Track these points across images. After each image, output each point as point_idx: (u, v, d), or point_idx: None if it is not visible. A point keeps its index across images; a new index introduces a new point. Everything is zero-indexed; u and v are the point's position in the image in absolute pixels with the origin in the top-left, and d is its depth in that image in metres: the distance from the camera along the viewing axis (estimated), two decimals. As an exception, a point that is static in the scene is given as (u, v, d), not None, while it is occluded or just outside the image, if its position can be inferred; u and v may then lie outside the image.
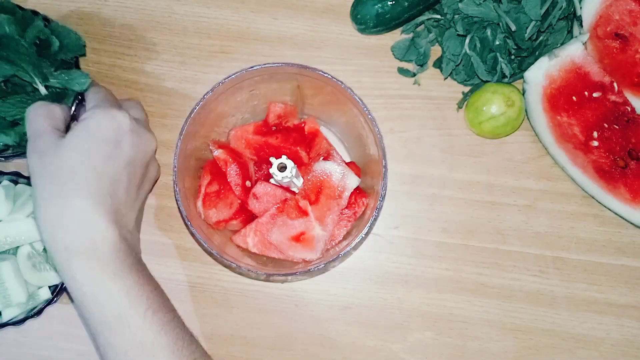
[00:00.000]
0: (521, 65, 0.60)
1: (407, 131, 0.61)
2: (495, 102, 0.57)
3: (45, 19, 0.57)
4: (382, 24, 0.60)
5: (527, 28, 0.56)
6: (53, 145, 0.46)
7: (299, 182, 0.55)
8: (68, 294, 0.54)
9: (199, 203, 0.53)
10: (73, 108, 0.54)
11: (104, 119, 0.48)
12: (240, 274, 0.59)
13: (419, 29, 0.62)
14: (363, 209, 0.54)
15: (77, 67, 0.57)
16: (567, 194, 0.60)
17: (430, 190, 0.60)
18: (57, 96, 0.54)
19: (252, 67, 0.50)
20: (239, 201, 0.55)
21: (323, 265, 0.49)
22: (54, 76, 0.53)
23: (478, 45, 0.58)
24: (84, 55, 0.60)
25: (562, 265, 0.59)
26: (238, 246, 0.54)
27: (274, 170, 0.54)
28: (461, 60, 0.59)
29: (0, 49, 0.51)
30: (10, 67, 0.51)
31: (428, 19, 0.61)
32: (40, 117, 0.48)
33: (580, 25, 0.58)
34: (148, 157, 0.52)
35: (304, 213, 0.52)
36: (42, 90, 0.53)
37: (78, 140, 0.47)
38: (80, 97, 0.55)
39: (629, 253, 0.59)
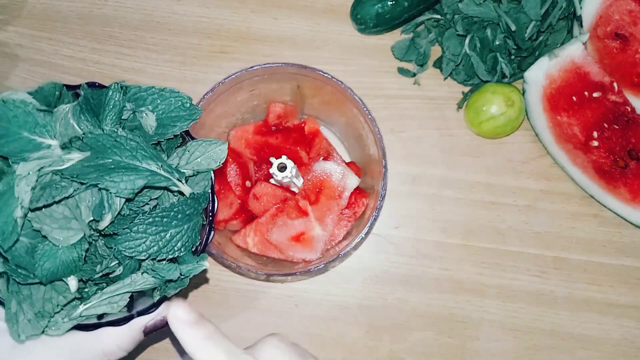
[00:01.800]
0: (521, 65, 0.60)
1: (407, 131, 0.61)
2: (495, 102, 0.57)
3: (123, 88, 0.37)
4: (382, 24, 0.60)
5: (527, 28, 0.56)
6: None
7: (299, 182, 0.55)
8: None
9: (199, 203, 0.53)
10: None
11: None
12: (240, 274, 0.59)
13: (419, 29, 0.62)
14: (363, 209, 0.54)
15: (189, 136, 0.39)
16: (567, 194, 0.60)
17: (430, 190, 0.60)
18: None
19: (252, 67, 0.50)
20: (239, 201, 0.55)
21: (323, 265, 0.49)
22: (181, 164, 0.37)
23: (478, 45, 0.58)
24: (195, 120, 0.37)
25: (562, 265, 0.59)
26: (238, 246, 0.54)
27: (274, 170, 0.54)
28: (461, 60, 0.59)
29: (104, 155, 0.33)
30: (133, 174, 0.33)
31: (428, 19, 0.61)
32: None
33: (580, 25, 0.58)
34: None
35: (304, 213, 0.52)
36: (185, 190, 0.36)
37: None
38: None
39: (629, 253, 0.59)
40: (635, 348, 0.58)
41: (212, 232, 0.38)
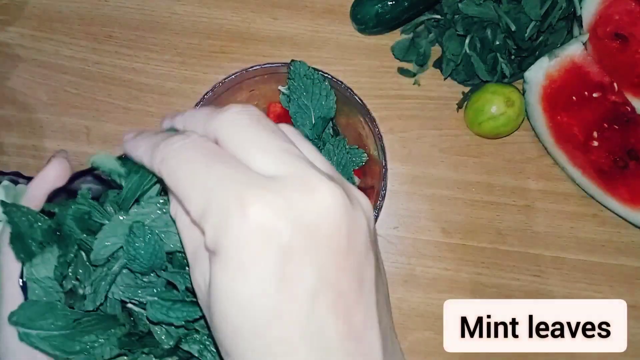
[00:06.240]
0: (521, 65, 0.60)
1: (407, 131, 0.61)
2: (495, 102, 0.57)
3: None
4: (382, 24, 0.60)
5: (527, 28, 0.56)
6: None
7: (298, 182, 0.55)
8: None
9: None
10: None
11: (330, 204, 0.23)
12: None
13: (419, 29, 0.62)
14: (363, 209, 0.54)
15: None
16: (567, 194, 0.60)
17: (430, 190, 0.60)
18: None
19: (252, 67, 0.50)
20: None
21: (323, 265, 0.49)
22: None
23: (478, 45, 0.58)
24: None
25: (561, 265, 0.59)
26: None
27: (274, 170, 0.54)
28: (461, 60, 0.59)
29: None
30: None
31: (428, 19, 0.61)
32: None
33: (580, 25, 0.58)
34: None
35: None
36: None
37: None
38: None
39: (628, 253, 0.59)
40: (635, 348, 0.58)
41: None
